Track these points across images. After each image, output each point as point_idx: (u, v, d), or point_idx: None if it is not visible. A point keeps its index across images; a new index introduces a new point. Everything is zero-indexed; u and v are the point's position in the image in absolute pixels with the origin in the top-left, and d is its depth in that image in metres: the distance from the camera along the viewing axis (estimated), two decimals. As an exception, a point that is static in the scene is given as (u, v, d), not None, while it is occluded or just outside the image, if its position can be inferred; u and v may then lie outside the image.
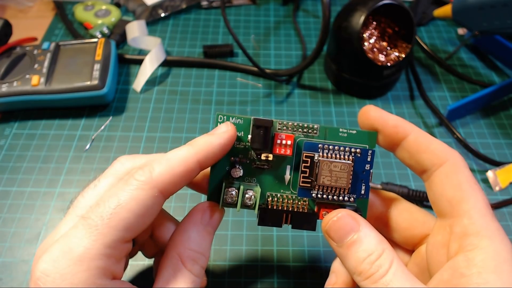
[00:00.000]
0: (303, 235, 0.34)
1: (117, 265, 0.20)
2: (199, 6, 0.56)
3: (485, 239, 0.20)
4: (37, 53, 0.43)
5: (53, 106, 0.42)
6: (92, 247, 0.19)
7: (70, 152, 0.39)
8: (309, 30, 0.54)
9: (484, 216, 0.20)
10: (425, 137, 0.23)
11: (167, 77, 0.47)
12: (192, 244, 0.22)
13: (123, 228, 0.19)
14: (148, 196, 0.20)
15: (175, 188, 0.21)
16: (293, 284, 0.31)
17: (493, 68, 0.49)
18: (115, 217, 0.19)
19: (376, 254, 0.20)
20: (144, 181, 0.20)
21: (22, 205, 0.35)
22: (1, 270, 0.31)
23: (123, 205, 0.19)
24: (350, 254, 0.21)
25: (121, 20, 0.51)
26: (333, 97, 0.45)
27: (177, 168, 0.21)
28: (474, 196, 0.21)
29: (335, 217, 0.22)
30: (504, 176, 0.38)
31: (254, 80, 0.47)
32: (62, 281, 0.18)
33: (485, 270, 0.19)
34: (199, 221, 0.23)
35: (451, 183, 0.22)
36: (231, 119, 0.24)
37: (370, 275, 0.20)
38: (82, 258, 0.19)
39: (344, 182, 0.23)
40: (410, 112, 0.44)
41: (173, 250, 0.22)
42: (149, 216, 0.21)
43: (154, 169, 0.21)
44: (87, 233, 0.19)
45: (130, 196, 0.20)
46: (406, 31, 0.43)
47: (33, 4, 0.56)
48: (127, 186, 0.20)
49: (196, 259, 0.22)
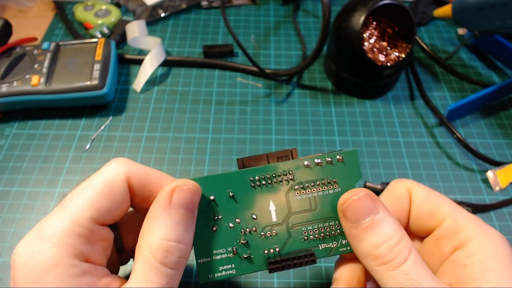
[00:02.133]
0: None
1: (90, 247, 0.20)
2: (199, 6, 0.56)
3: (474, 229, 0.20)
4: (37, 53, 0.43)
5: (53, 106, 0.42)
6: (60, 225, 0.19)
7: (70, 152, 0.39)
8: (309, 30, 0.54)
9: (461, 212, 0.22)
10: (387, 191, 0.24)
11: (167, 77, 0.47)
12: (162, 232, 0.19)
13: (91, 206, 0.20)
14: (113, 174, 0.21)
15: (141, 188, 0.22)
16: (293, 284, 0.31)
17: (493, 68, 0.49)
18: (83, 196, 0.20)
19: (395, 240, 0.19)
20: (115, 162, 0.22)
21: (22, 205, 0.35)
22: (1, 270, 0.31)
23: (92, 184, 0.21)
24: (366, 236, 0.20)
25: (121, 20, 0.51)
26: (333, 97, 0.45)
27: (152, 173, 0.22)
28: (444, 201, 0.22)
29: (356, 196, 0.20)
30: (504, 176, 0.38)
31: (254, 80, 0.47)
32: (30, 260, 0.19)
33: (486, 257, 0.19)
34: (168, 203, 0.20)
35: (420, 202, 0.23)
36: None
37: (388, 261, 0.19)
38: (51, 235, 0.19)
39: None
40: (410, 112, 0.44)
41: (143, 240, 0.19)
42: (118, 199, 0.21)
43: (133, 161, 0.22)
44: (58, 214, 0.20)
45: (99, 176, 0.21)
46: (406, 31, 0.43)
47: (33, 4, 0.56)
48: (101, 169, 0.22)
49: (169, 248, 0.19)
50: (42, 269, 0.18)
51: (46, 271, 0.18)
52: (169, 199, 0.20)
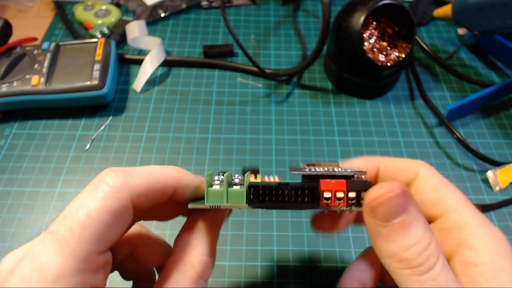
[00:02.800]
0: (303, 235, 0.34)
1: (95, 277, 0.19)
2: (199, 6, 0.56)
3: (479, 227, 0.20)
4: (37, 53, 0.43)
5: (53, 106, 0.42)
6: (65, 264, 0.17)
7: (70, 152, 0.39)
8: (309, 30, 0.54)
9: (469, 207, 0.21)
10: (391, 161, 0.24)
11: (167, 77, 0.47)
12: (204, 249, 0.21)
13: (95, 240, 0.18)
14: (120, 206, 0.18)
15: (146, 203, 0.20)
16: (293, 284, 0.31)
17: (493, 68, 0.49)
18: (86, 229, 0.17)
19: (425, 243, 0.18)
20: (116, 187, 0.18)
21: (22, 205, 0.35)
22: (1, 270, 0.31)
23: (94, 216, 0.18)
24: (396, 237, 0.18)
25: (121, 20, 0.51)
26: (333, 97, 0.45)
27: (155, 183, 0.20)
28: (453, 193, 0.22)
29: (393, 193, 0.18)
30: (504, 176, 0.38)
31: (254, 80, 0.47)
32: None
33: (495, 257, 0.19)
34: (209, 225, 0.22)
35: (428, 187, 0.22)
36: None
37: (416, 265, 0.18)
38: (56, 278, 0.17)
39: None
40: (410, 112, 0.44)
41: (185, 256, 0.20)
42: (122, 226, 0.19)
43: (131, 176, 0.19)
44: (57, 250, 0.17)
45: (100, 204, 0.18)
46: (406, 31, 0.43)
47: (33, 4, 0.56)
48: (97, 193, 0.18)
49: (208, 264, 0.21)
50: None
51: None
52: (212, 220, 0.22)
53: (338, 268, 0.32)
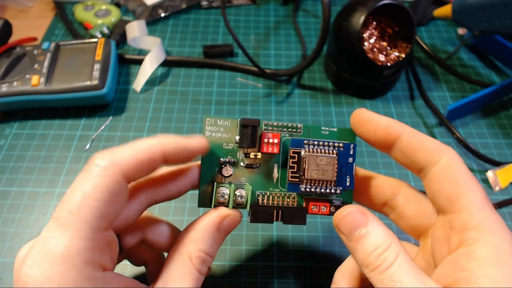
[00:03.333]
0: (303, 235, 0.34)
1: (103, 256, 0.20)
2: (199, 6, 0.56)
3: (485, 232, 0.20)
4: (37, 53, 0.43)
5: (53, 106, 0.42)
6: (71, 243, 0.18)
7: (70, 152, 0.39)
8: (309, 30, 0.54)
9: (483, 209, 0.21)
10: (418, 136, 0.23)
11: (167, 77, 0.47)
12: (204, 246, 0.23)
13: (96, 217, 0.19)
14: (112, 181, 0.20)
15: (138, 174, 0.21)
16: (293, 284, 0.31)
17: (493, 68, 0.49)
18: (84, 208, 0.19)
19: (383, 247, 0.20)
20: (105, 166, 0.20)
21: (22, 205, 0.35)
22: (1, 270, 0.31)
23: (88, 195, 0.19)
24: (359, 247, 0.21)
25: (121, 20, 0.51)
26: (333, 97, 0.45)
27: (140, 154, 0.21)
28: (472, 190, 0.21)
29: (345, 212, 0.22)
30: (504, 176, 0.38)
31: (254, 80, 0.47)
32: (51, 283, 0.18)
33: (485, 263, 0.19)
34: (216, 225, 0.23)
35: (447, 180, 0.22)
36: (219, 121, 0.25)
37: (376, 266, 0.20)
38: (64, 257, 0.18)
39: (330, 174, 0.24)
40: (410, 112, 0.44)
41: (184, 247, 0.22)
42: (118, 201, 0.20)
43: (116, 153, 0.21)
44: (62, 232, 0.19)
45: (93, 184, 0.19)
46: (406, 31, 0.43)
47: (33, 4, 0.56)
48: (88, 175, 0.20)
49: (205, 260, 0.23)
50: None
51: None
52: (219, 222, 0.23)
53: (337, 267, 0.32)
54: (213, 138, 0.25)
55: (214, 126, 0.25)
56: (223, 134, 0.25)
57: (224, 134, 0.25)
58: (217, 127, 0.25)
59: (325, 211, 0.25)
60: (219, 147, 0.25)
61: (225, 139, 0.25)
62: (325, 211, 0.25)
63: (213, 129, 0.25)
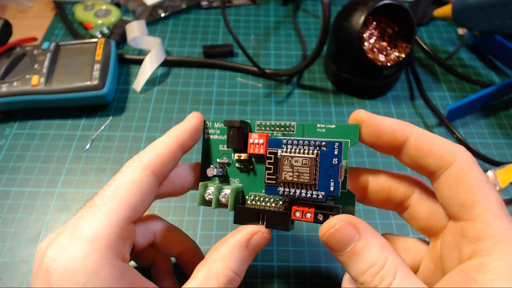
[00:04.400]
0: (303, 235, 0.34)
1: (124, 246, 0.21)
2: (199, 6, 0.56)
3: (500, 244, 0.18)
4: (37, 53, 0.43)
5: (53, 106, 0.42)
6: (99, 227, 0.20)
7: (70, 152, 0.39)
8: (309, 30, 0.54)
9: (499, 219, 0.19)
10: (426, 138, 0.21)
11: (167, 77, 0.47)
12: (233, 264, 0.22)
13: (126, 206, 0.21)
14: (142, 176, 0.22)
15: (164, 168, 0.23)
16: (293, 284, 0.31)
17: (493, 68, 0.49)
18: (116, 197, 0.21)
19: (378, 265, 0.19)
20: (135, 165, 0.22)
21: (22, 205, 0.35)
22: (1, 270, 0.31)
23: (121, 186, 0.21)
24: (352, 264, 0.20)
25: (121, 20, 0.51)
26: (333, 97, 0.45)
27: (162, 151, 0.23)
28: (487, 198, 0.19)
29: (333, 229, 0.20)
30: (504, 176, 0.38)
31: (254, 80, 0.47)
32: (73, 264, 0.19)
33: (499, 277, 0.18)
34: (245, 241, 0.23)
35: (461, 186, 0.20)
36: (215, 124, 0.26)
37: (373, 286, 0.19)
38: (91, 239, 0.19)
39: (306, 177, 0.22)
40: (410, 112, 0.44)
41: (213, 263, 0.22)
42: (148, 195, 0.22)
43: (142, 155, 0.23)
44: (91, 217, 0.20)
45: (126, 178, 0.22)
46: (406, 31, 0.43)
47: (33, 4, 0.56)
48: (122, 173, 0.22)
49: (232, 280, 0.22)
50: (87, 273, 0.19)
51: (93, 274, 0.19)
52: (248, 239, 0.23)
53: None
54: (211, 140, 0.26)
55: (212, 128, 0.26)
56: (219, 136, 0.26)
57: (220, 136, 0.26)
58: (214, 130, 0.26)
59: (309, 217, 0.22)
60: (216, 148, 0.26)
61: (221, 141, 0.26)
62: (310, 218, 0.22)
63: (211, 131, 0.26)
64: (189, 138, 0.25)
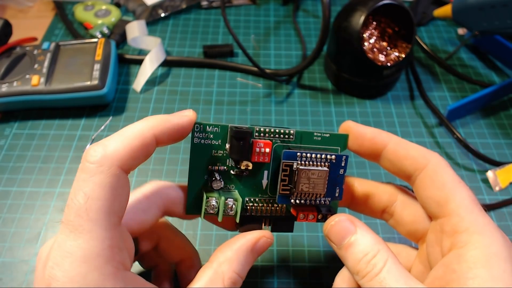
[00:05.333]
0: (303, 235, 0.34)
1: (122, 254, 0.20)
2: (199, 6, 0.56)
3: (475, 234, 0.20)
4: (37, 53, 0.43)
5: (53, 106, 0.42)
6: (88, 245, 0.18)
7: (70, 152, 0.39)
8: (309, 30, 0.54)
9: (472, 212, 0.21)
10: (403, 144, 0.24)
11: (167, 77, 0.47)
12: (238, 267, 0.23)
13: (104, 216, 0.19)
14: (109, 176, 0.19)
15: (134, 162, 0.20)
16: (293, 284, 0.31)
17: (493, 68, 0.49)
18: (90, 210, 0.19)
19: (371, 254, 0.21)
20: (99, 161, 0.19)
21: (22, 205, 0.35)
22: (1, 270, 0.31)
23: (90, 195, 0.19)
24: (348, 255, 0.22)
25: (121, 20, 0.51)
26: (333, 97, 0.45)
27: (132, 141, 0.20)
28: (460, 194, 0.22)
29: (333, 222, 0.23)
30: (504, 176, 0.38)
31: (254, 80, 0.47)
32: (73, 284, 0.18)
33: (476, 265, 0.19)
34: (251, 245, 0.23)
35: (435, 185, 0.22)
36: (208, 127, 0.24)
37: (366, 273, 0.21)
38: (84, 259, 0.18)
39: (321, 188, 0.24)
40: (410, 112, 0.44)
41: (219, 266, 0.22)
42: (122, 194, 0.20)
43: (108, 146, 0.20)
44: (76, 235, 0.18)
45: (93, 184, 0.19)
46: (406, 31, 0.43)
47: (33, 4, 0.56)
48: (85, 174, 0.19)
49: (236, 282, 0.23)
50: None
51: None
52: (254, 243, 0.23)
53: (338, 268, 0.32)
54: (202, 145, 0.24)
55: (204, 132, 0.24)
56: (212, 141, 0.24)
57: (214, 141, 0.24)
58: (207, 133, 0.24)
59: (313, 219, 0.25)
60: (208, 154, 0.24)
61: (215, 146, 0.24)
62: (313, 219, 0.25)
63: (202, 135, 0.24)
64: (169, 135, 0.22)
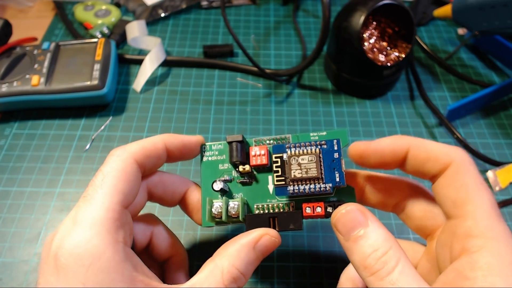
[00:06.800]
0: (303, 235, 0.34)
1: (124, 232, 0.22)
2: (199, 6, 0.56)
3: (490, 240, 0.19)
4: (37, 53, 0.43)
5: (53, 106, 0.42)
6: (96, 214, 0.21)
7: (70, 152, 0.39)
8: (309, 30, 0.54)
9: (490, 217, 0.20)
10: (423, 146, 0.23)
11: (167, 77, 0.47)
12: (238, 262, 0.23)
13: (116, 192, 0.22)
14: (126, 163, 0.24)
15: (148, 160, 0.25)
16: (293, 284, 0.31)
17: (493, 68, 0.49)
18: (105, 185, 0.22)
19: (382, 251, 0.20)
20: (119, 154, 0.24)
21: (22, 205, 0.35)
22: (1, 270, 0.31)
23: (108, 173, 0.23)
24: (356, 248, 0.20)
25: (121, 20, 0.51)
26: (333, 97, 0.45)
27: (146, 143, 0.25)
28: (480, 197, 0.20)
29: (344, 210, 0.22)
30: (504, 176, 0.38)
31: (254, 80, 0.47)
32: (77, 249, 0.20)
33: (490, 273, 0.18)
34: (252, 242, 0.23)
35: (455, 185, 0.21)
36: (213, 146, 0.27)
37: (375, 271, 0.19)
38: (90, 225, 0.21)
39: (314, 171, 0.24)
40: (410, 112, 0.44)
41: (219, 260, 0.23)
42: (134, 181, 0.24)
43: (127, 145, 0.25)
44: (88, 206, 0.22)
45: (111, 166, 0.23)
46: (406, 31, 0.43)
47: (33, 4, 0.56)
48: (108, 162, 0.24)
49: (236, 278, 0.22)
50: (91, 256, 0.20)
51: (96, 257, 0.20)
52: (256, 240, 0.23)
53: (338, 268, 0.32)
54: (210, 162, 0.27)
55: (210, 151, 0.27)
56: (218, 157, 0.27)
57: (219, 156, 0.27)
58: (212, 151, 0.27)
59: (320, 211, 0.24)
60: (216, 169, 0.27)
61: (220, 161, 0.27)
62: (320, 212, 0.24)
63: (209, 153, 0.27)
64: (177, 145, 0.26)
